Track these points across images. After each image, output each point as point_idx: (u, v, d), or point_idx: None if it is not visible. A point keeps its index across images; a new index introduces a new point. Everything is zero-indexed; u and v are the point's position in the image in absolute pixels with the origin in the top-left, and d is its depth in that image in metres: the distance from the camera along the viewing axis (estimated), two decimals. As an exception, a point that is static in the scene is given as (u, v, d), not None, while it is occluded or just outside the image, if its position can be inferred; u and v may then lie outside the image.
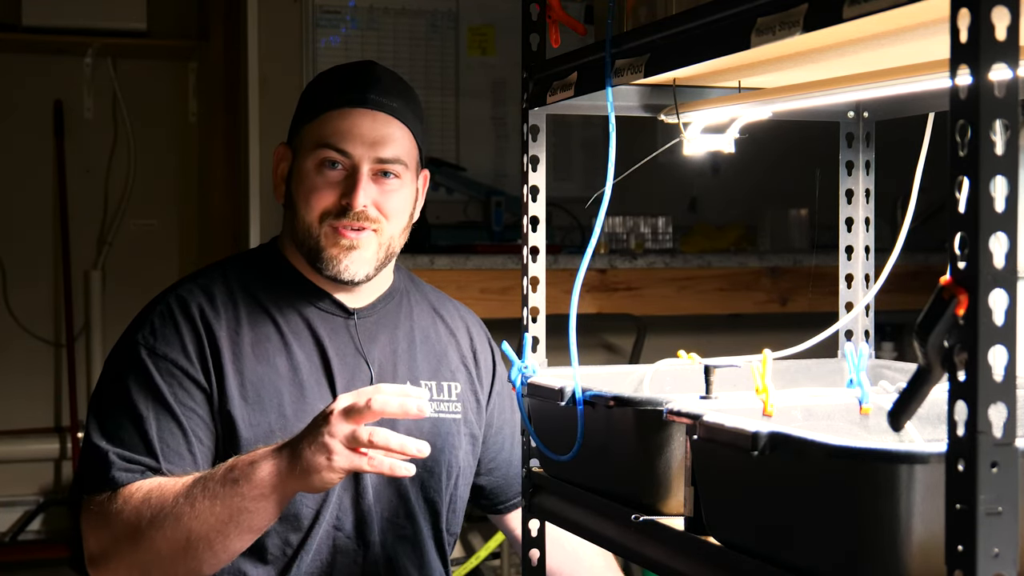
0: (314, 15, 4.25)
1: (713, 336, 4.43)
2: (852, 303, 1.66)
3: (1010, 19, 0.83)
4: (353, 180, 1.82)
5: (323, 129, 1.84)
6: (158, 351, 1.80)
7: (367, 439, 1.57)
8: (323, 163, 1.84)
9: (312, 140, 1.85)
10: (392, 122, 1.85)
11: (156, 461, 1.74)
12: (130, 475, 1.72)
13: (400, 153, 1.85)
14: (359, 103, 1.84)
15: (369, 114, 1.84)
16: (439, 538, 1.93)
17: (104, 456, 1.73)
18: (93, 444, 1.76)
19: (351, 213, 1.82)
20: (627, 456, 1.30)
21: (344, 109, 1.84)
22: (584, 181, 4.53)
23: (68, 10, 4.30)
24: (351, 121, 1.84)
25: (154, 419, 1.76)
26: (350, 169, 1.83)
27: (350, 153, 1.83)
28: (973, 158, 0.84)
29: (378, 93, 1.86)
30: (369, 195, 1.83)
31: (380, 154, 1.83)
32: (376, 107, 1.85)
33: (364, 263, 1.84)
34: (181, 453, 1.75)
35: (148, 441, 1.74)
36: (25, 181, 4.55)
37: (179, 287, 1.88)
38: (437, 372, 1.95)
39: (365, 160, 1.83)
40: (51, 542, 4.43)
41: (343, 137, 1.83)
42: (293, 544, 1.80)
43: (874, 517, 0.95)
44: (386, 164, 1.84)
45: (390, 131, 1.85)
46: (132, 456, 1.74)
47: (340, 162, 1.83)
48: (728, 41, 1.15)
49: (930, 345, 0.87)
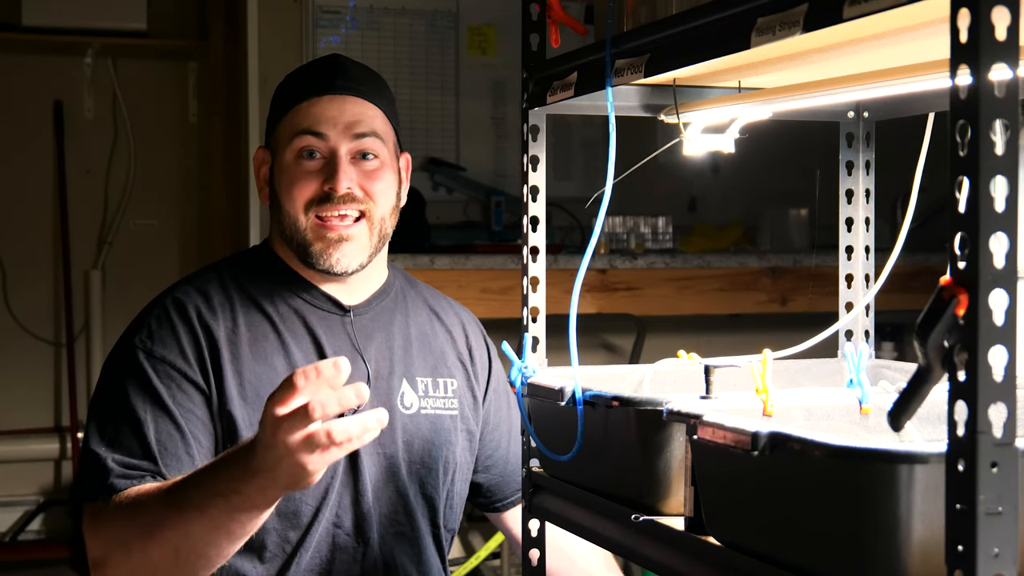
0: (314, 15, 4.25)
1: (713, 336, 4.43)
2: (852, 303, 1.66)
3: (1010, 19, 0.83)
4: (333, 165, 1.83)
5: (296, 119, 1.86)
6: (156, 354, 1.79)
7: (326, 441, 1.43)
8: (301, 153, 1.84)
9: (287, 133, 1.86)
10: (362, 103, 1.87)
11: (155, 465, 1.73)
12: (127, 481, 1.70)
13: (375, 128, 1.86)
14: (327, 90, 1.86)
15: (339, 98, 1.86)
16: (437, 535, 1.93)
17: (101, 462, 1.72)
18: (91, 450, 1.74)
19: (335, 198, 1.82)
20: (627, 456, 1.30)
21: (313, 98, 1.86)
22: (584, 181, 4.53)
23: (68, 10, 4.30)
24: (322, 106, 1.85)
25: (152, 422, 1.75)
26: (328, 155, 1.84)
27: (325, 135, 1.83)
28: (973, 158, 0.84)
29: (345, 79, 1.87)
30: (351, 177, 1.83)
31: (355, 131, 1.84)
32: (344, 91, 1.86)
33: (356, 253, 1.84)
34: (180, 456, 1.74)
35: (146, 445, 1.73)
36: (25, 181, 4.55)
37: (175, 289, 1.87)
38: (434, 369, 1.95)
39: (342, 141, 1.84)
40: (51, 542, 4.42)
41: (316, 121, 1.84)
42: (292, 542, 1.80)
43: (874, 517, 0.95)
44: (363, 140, 1.85)
45: (361, 109, 1.86)
46: (130, 461, 1.72)
47: (317, 148, 1.84)
48: (728, 41, 1.15)
49: (930, 345, 0.87)
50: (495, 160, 4.51)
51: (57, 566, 4.25)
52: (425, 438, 1.90)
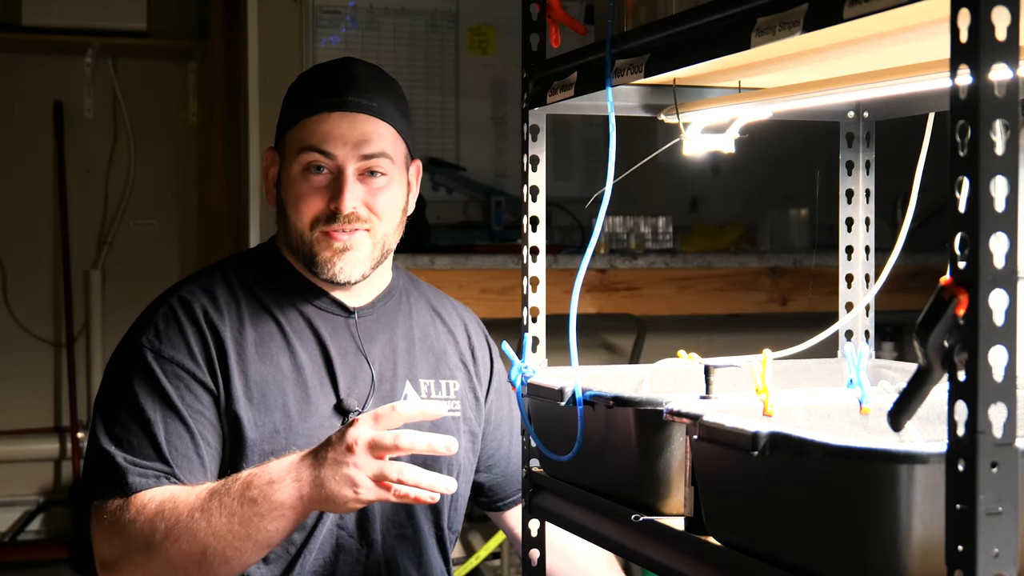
0: (314, 15, 4.25)
1: (713, 336, 4.43)
2: (852, 303, 1.66)
3: (1010, 19, 0.83)
4: (339, 183, 1.82)
5: (303, 134, 1.84)
6: (164, 354, 1.79)
7: (396, 477, 1.58)
8: (308, 168, 1.83)
9: (295, 146, 1.85)
10: (372, 121, 1.85)
11: (167, 466, 1.73)
12: (144, 480, 1.72)
13: (384, 148, 1.85)
14: (337, 106, 1.84)
15: (348, 116, 1.84)
16: (440, 536, 1.93)
17: (114, 461, 1.73)
18: (102, 449, 1.75)
19: (340, 217, 1.81)
20: (627, 456, 1.30)
21: (323, 114, 1.84)
22: (584, 181, 4.53)
23: (68, 10, 4.30)
24: (331, 124, 1.83)
25: (162, 423, 1.75)
26: (335, 172, 1.83)
27: (333, 154, 1.82)
28: (973, 158, 0.84)
29: (356, 93, 1.85)
30: (357, 196, 1.82)
31: (363, 151, 1.83)
32: (355, 108, 1.84)
33: (358, 264, 1.84)
34: (189, 456, 1.75)
35: (157, 445, 1.74)
36: (25, 181, 4.55)
37: (180, 288, 1.87)
38: (436, 370, 1.95)
39: (349, 160, 1.82)
40: (51, 542, 4.42)
41: (323, 139, 1.83)
42: (296, 543, 1.80)
43: (874, 517, 0.95)
44: (371, 161, 1.84)
45: (371, 128, 1.84)
46: (142, 462, 1.73)
47: (324, 165, 1.83)
48: (728, 41, 1.15)
49: (930, 345, 0.87)
50: (495, 160, 4.51)
51: (57, 566, 4.25)
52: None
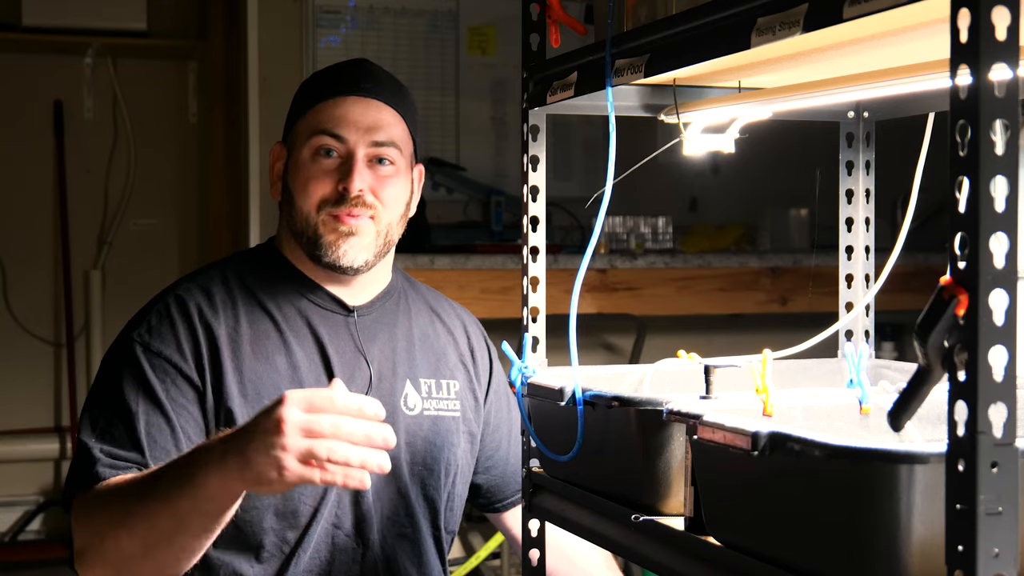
0: (314, 15, 4.25)
1: (713, 336, 4.43)
2: (852, 303, 1.66)
3: (1010, 19, 0.83)
4: (349, 166, 1.83)
5: (317, 118, 1.86)
6: (152, 348, 1.80)
7: (325, 456, 1.46)
8: (318, 151, 1.85)
9: (307, 130, 1.87)
10: (385, 108, 1.87)
11: (142, 456, 1.73)
12: (112, 471, 1.71)
13: (394, 137, 1.87)
14: (352, 91, 1.87)
15: (362, 101, 1.86)
16: (438, 536, 1.93)
17: (90, 453, 1.72)
18: (82, 441, 1.75)
19: (348, 199, 1.82)
20: (627, 456, 1.30)
21: (337, 98, 1.86)
22: (584, 181, 4.53)
23: (68, 10, 4.30)
24: (345, 108, 1.86)
25: (143, 415, 1.75)
26: (345, 156, 1.85)
27: (345, 138, 1.84)
28: (973, 158, 0.84)
29: (371, 83, 1.88)
30: (365, 180, 1.84)
31: (374, 137, 1.85)
32: (369, 94, 1.87)
33: (362, 249, 1.85)
34: (168, 449, 1.74)
35: (136, 437, 1.74)
36: (25, 181, 4.55)
37: (177, 287, 1.88)
38: (436, 370, 1.95)
39: (360, 145, 1.84)
40: (51, 542, 4.43)
41: (337, 123, 1.85)
42: (290, 542, 1.80)
43: (874, 517, 0.95)
44: (381, 148, 1.85)
45: (383, 116, 1.87)
46: (117, 452, 1.72)
47: (335, 148, 1.85)
48: (728, 41, 1.15)
49: (930, 345, 0.87)
50: (495, 160, 4.51)
51: (57, 566, 4.25)
52: (427, 439, 1.90)
